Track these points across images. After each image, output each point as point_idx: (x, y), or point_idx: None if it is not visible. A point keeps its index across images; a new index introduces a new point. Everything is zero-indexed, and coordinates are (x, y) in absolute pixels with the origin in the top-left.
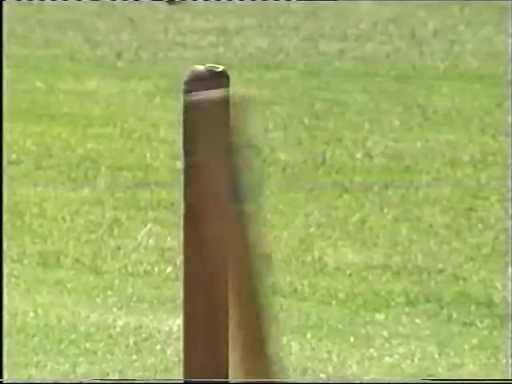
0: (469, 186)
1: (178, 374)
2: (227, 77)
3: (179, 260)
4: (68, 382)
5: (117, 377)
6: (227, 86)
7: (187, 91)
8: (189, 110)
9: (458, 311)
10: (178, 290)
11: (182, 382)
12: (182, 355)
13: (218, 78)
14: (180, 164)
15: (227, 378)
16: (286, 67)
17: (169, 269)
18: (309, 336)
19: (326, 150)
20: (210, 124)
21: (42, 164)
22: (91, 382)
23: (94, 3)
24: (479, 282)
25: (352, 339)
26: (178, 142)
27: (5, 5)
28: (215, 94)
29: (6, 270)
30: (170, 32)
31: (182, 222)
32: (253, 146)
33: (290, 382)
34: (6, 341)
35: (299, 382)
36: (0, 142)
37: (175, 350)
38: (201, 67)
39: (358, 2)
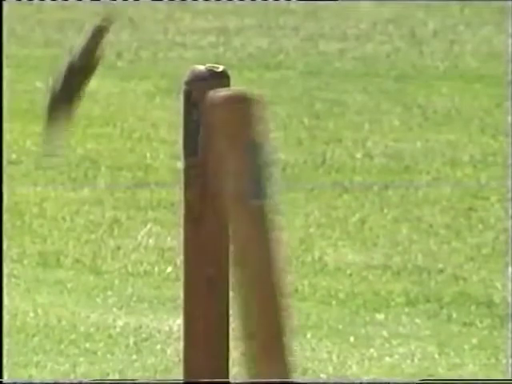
0: (469, 186)
1: (178, 373)
2: (227, 77)
3: (179, 260)
4: (68, 381)
5: (117, 377)
6: (228, 86)
7: (187, 91)
8: (211, 106)
9: (458, 311)
10: (178, 290)
11: (181, 382)
12: (182, 355)
13: (219, 78)
14: (180, 164)
15: (227, 378)
16: (286, 67)
17: (169, 269)
18: (309, 336)
19: (326, 150)
20: (231, 120)
21: (41, 164)
22: (91, 382)
23: (93, 3)
24: (479, 282)
25: (352, 339)
26: (177, 142)
27: (5, 5)
28: (235, 91)
29: (6, 270)
30: (170, 32)
31: (181, 222)
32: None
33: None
34: (6, 341)
35: (299, 382)
36: (0, 142)
37: (175, 350)
38: (201, 67)
39: (357, 2)
